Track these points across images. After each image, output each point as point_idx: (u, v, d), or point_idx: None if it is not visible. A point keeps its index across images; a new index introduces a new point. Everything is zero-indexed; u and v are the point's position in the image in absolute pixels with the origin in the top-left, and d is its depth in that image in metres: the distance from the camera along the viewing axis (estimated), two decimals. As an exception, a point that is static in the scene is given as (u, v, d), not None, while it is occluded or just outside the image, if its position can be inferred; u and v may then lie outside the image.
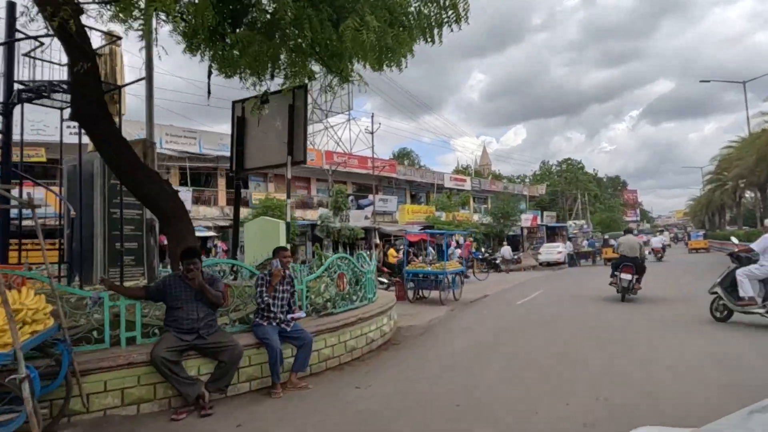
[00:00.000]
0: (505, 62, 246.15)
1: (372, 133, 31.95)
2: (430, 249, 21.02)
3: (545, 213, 52.82)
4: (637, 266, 11.29)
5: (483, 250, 34.25)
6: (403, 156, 69.95)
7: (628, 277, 11.07)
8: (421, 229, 30.08)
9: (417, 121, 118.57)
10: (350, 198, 31.99)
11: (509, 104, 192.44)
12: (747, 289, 7.47)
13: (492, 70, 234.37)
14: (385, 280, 15.45)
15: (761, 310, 7.40)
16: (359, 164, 32.85)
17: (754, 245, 7.73)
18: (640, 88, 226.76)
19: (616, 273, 11.51)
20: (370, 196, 33.36)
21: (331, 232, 25.04)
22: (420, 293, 13.38)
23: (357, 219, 27.35)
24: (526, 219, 47.64)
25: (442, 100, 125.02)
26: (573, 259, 28.73)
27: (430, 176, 39.43)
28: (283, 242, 11.47)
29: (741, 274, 7.57)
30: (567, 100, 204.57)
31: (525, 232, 48.34)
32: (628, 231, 14.23)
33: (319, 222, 25.01)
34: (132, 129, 20.68)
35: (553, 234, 51.45)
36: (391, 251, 21.12)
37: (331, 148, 34.22)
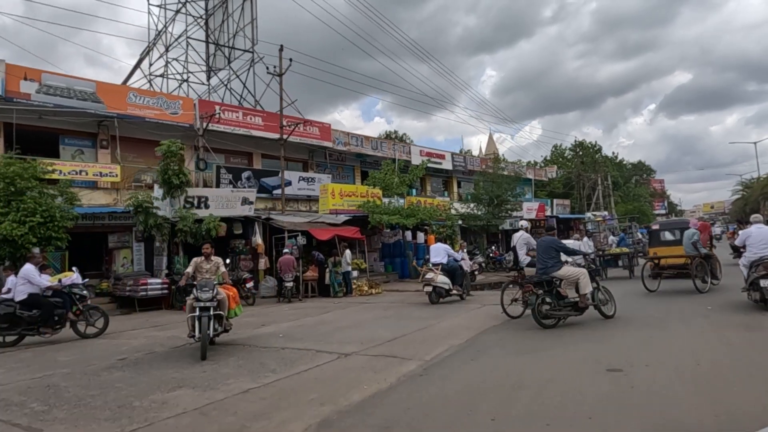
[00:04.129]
0: (517, 57, 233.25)
1: (280, 75, 20.74)
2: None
3: (555, 201, 41.17)
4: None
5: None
6: (390, 139, 58.72)
7: None
8: (346, 221, 18.83)
9: (429, 119, 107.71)
10: (246, 174, 20.88)
11: (523, 100, 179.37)
12: None
13: (503, 65, 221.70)
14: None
15: None
16: (265, 125, 21.69)
17: None
18: (657, 79, 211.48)
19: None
20: (289, 173, 22.23)
21: (157, 226, 13.93)
22: None
23: (229, 204, 16.23)
24: (530, 209, 36.05)
25: (454, 97, 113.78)
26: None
27: (390, 149, 28.04)
28: None
29: None
30: (582, 94, 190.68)
31: (529, 226, 36.68)
32: None
33: (131, 209, 13.87)
34: None
35: (567, 228, 39.74)
36: None
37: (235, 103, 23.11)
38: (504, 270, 24.50)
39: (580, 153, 58.96)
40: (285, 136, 20.46)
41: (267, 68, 20.54)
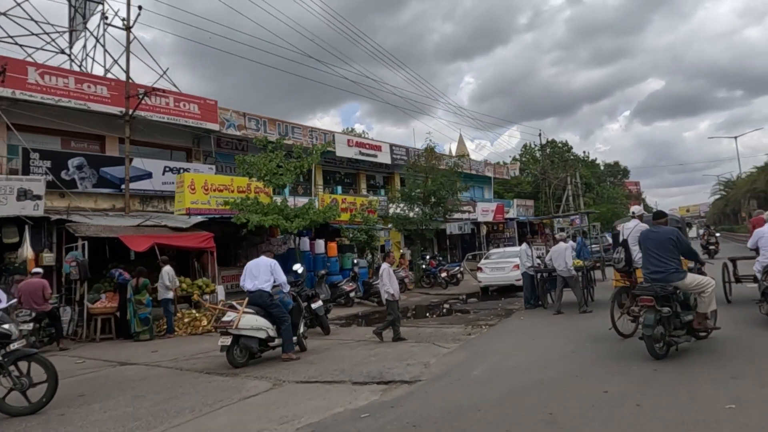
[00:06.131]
0: (494, 64, 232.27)
1: (128, 29, 15.42)
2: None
3: (517, 202, 36.49)
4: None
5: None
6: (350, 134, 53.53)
7: None
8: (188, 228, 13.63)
9: (408, 125, 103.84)
10: (75, 162, 15.43)
11: (501, 107, 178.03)
12: None
13: (481, 72, 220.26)
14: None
15: None
16: (113, 97, 16.29)
17: None
18: (631, 86, 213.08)
19: None
20: (150, 161, 16.91)
21: None
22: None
23: (-3, 198, 10.80)
24: (487, 209, 31.34)
25: (433, 104, 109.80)
26: (536, 285, 12.04)
27: (306, 136, 22.83)
28: None
29: None
30: (559, 101, 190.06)
31: (484, 230, 31.99)
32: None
33: None
34: None
35: (532, 233, 34.97)
36: None
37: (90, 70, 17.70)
38: (440, 286, 19.46)
39: (549, 152, 54.69)
40: (131, 110, 15.12)
41: (105, 17, 15.20)
